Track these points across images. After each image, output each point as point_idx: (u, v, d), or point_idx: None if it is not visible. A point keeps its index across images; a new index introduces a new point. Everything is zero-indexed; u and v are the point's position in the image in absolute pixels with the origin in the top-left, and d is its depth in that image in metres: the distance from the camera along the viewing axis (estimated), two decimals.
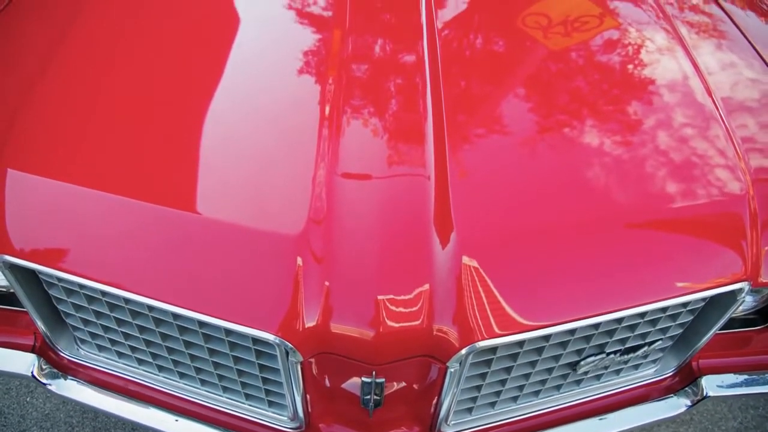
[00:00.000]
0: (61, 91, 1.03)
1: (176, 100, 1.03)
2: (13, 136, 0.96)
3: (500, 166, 0.98)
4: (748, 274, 0.94)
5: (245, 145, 0.96)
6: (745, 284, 0.93)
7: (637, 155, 1.01)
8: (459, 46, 1.23)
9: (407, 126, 0.99)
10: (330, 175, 0.89)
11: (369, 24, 1.22)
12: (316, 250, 0.82)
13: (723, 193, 0.97)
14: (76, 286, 0.90)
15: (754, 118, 1.13)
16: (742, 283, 0.93)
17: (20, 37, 1.16)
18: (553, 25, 1.30)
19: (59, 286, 0.92)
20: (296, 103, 1.04)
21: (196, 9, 1.27)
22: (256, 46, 1.18)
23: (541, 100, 1.12)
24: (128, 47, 1.14)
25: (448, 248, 0.84)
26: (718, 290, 0.92)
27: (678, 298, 0.90)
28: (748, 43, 1.32)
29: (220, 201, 0.88)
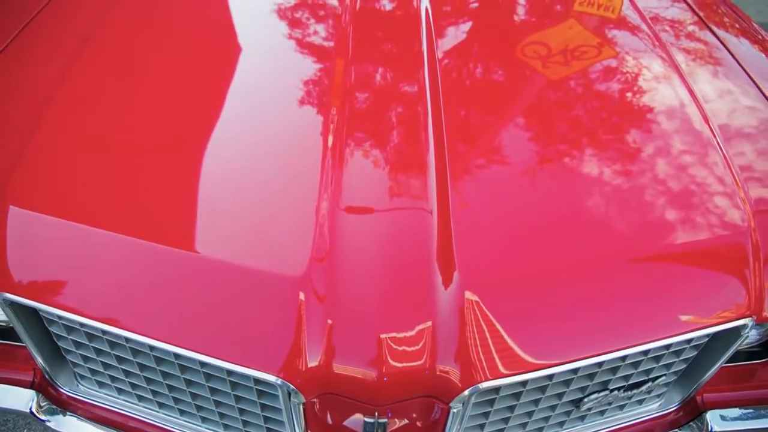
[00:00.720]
0: (63, 129, 1.04)
1: (178, 135, 1.04)
2: (16, 174, 0.95)
3: (501, 199, 0.98)
4: (752, 309, 0.93)
5: (247, 180, 0.96)
6: (749, 320, 0.92)
7: (637, 187, 1.01)
8: (459, 76, 1.24)
9: (410, 157, 0.99)
10: (333, 210, 0.89)
11: (371, 54, 1.22)
12: (319, 288, 0.82)
13: (724, 227, 0.97)
14: (76, 324, 0.90)
15: (753, 146, 1.13)
16: (747, 319, 0.92)
17: (22, 75, 1.16)
18: (552, 54, 1.31)
19: (60, 323, 0.92)
20: (299, 135, 1.04)
21: (198, 43, 1.28)
22: (258, 78, 1.18)
23: (541, 129, 1.12)
24: (129, 82, 1.15)
25: (450, 287, 0.83)
26: (722, 326, 0.91)
27: (682, 335, 0.89)
28: (742, 70, 1.33)
29: (222, 239, 0.87)
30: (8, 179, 0.95)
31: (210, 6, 1.46)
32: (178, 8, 1.42)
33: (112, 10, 1.33)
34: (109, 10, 1.33)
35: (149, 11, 1.38)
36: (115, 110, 1.08)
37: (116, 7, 1.35)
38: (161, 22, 1.36)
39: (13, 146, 1.00)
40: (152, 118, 1.07)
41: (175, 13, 1.40)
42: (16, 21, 1.29)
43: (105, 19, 1.30)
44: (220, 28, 1.35)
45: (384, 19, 1.37)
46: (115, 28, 1.28)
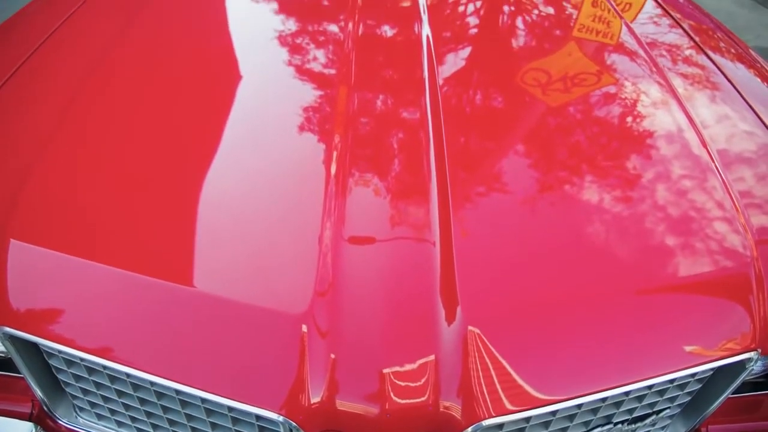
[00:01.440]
0: (64, 161, 1.04)
1: (180, 166, 1.04)
2: (17, 208, 0.95)
3: (503, 228, 0.97)
4: (758, 342, 0.92)
5: (249, 209, 0.96)
6: (754, 353, 0.92)
7: (639, 215, 1.01)
8: (460, 102, 1.24)
9: (412, 186, 0.99)
10: (336, 240, 0.89)
11: (374, 80, 1.23)
12: (321, 324, 0.81)
13: (727, 258, 0.96)
14: (76, 358, 0.89)
15: (752, 172, 1.13)
16: (752, 352, 0.92)
17: (23, 111, 1.17)
18: (552, 81, 1.32)
19: (59, 356, 0.91)
20: (302, 163, 1.04)
21: (200, 72, 1.28)
22: (261, 107, 1.19)
23: (542, 155, 1.13)
24: (129, 114, 1.15)
25: (453, 322, 0.83)
26: (727, 360, 0.91)
27: (687, 369, 0.88)
28: (738, 95, 1.33)
29: (223, 273, 0.87)
30: (9, 213, 0.94)
31: (212, 34, 1.47)
32: (180, 38, 1.43)
33: (114, 42, 1.34)
34: (111, 42, 1.34)
35: (152, 40, 1.39)
36: (116, 142, 1.08)
37: (118, 39, 1.35)
38: (163, 50, 1.37)
39: (15, 180, 1.00)
40: (153, 149, 1.07)
41: (177, 43, 1.40)
42: (16, 56, 1.30)
43: (107, 51, 1.30)
44: (223, 57, 1.36)
45: (386, 45, 1.38)
46: (117, 59, 1.29)
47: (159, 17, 1.50)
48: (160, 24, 1.48)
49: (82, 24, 1.44)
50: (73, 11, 1.47)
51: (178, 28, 1.48)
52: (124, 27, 1.40)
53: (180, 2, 1.61)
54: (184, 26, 1.49)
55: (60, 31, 1.39)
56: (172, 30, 1.47)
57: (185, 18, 1.54)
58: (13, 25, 1.49)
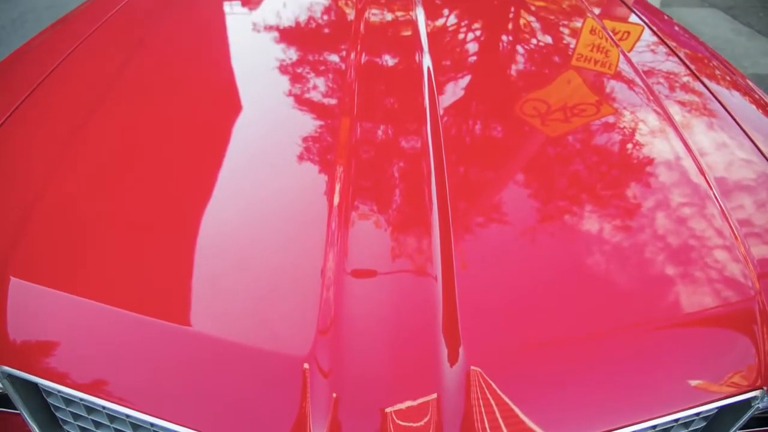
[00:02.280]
0: (66, 200, 1.04)
1: (181, 202, 1.03)
2: (18, 246, 0.95)
3: (505, 261, 0.97)
4: (763, 379, 0.91)
5: (252, 245, 0.96)
6: (759, 392, 0.91)
7: (640, 248, 1.00)
8: (460, 132, 1.25)
9: (414, 218, 0.99)
10: (339, 274, 0.88)
11: (376, 111, 1.23)
12: (323, 363, 0.80)
13: (731, 293, 0.96)
14: (76, 398, 0.88)
15: (751, 201, 1.13)
16: (758, 390, 0.90)
17: (25, 146, 1.17)
18: (551, 111, 1.32)
19: (58, 395, 0.90)
20: (305, 194, 1.04)
21: (201, 105, 1.29)
22: (263, 138, 1.19)
23: (542, 185, 1.12)
24: (129, 148, 1.15)
25: (456, 362, 0.82)
26: (732, 399, 0.90)
27: (690, 409, 0.87)
28: (734, 122, 1.34)
29: (225, 313, 0.86)
30: (10, 250, 0.94)
31: (214, 65, 1.48)
32: (181, 69, 1.44)
33: (114, 77, 1.35)
34: (111, 77, 1.34)
35: (153, 72, 1.40)
36: (116, 178, 1.08)
37: (119, 74, 1.36)
38: (165, 82, 1.37)
39: (16, 217, 1.00)
40: (154, 184, 1.07)
41: (178, 75, 1.41)
42: (17, 93, 1.30)
43: (108, 86, 1.31)
44: (225, 88, 1.37)
45: (387, 74, 1.39)
46: (118, 95, 1.30)
47: (160, 47, 1.51)
48: (162, 54, 1.49)
49: (83, 60, 1.45)
50: (76, 46, 1.49)
51: (179, 60, 1.49)
52: (125, 62, 1.41)
53: (180, 34, 1.62)
54: (185, 58, 1.50)
55: (62, 67, 1.40)
56: (174, 61, 1.48)
57: (186, 49, 1.55)
58: (14, 62, 1.50)
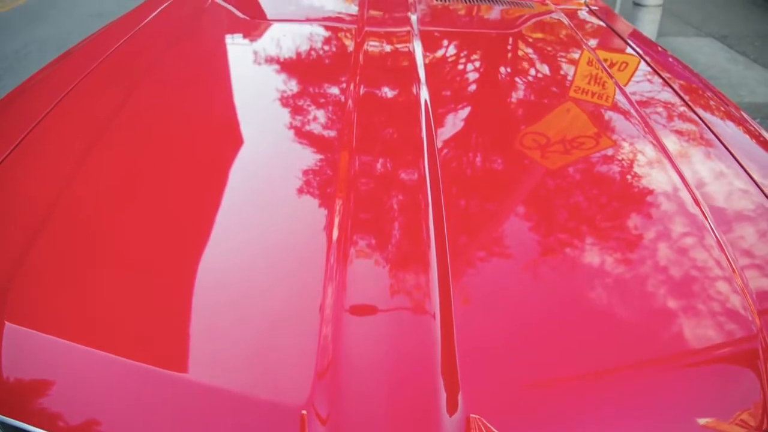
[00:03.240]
0: (62, 244, 1.02)
1: (178, 241, 1.02)
2: (13, 289, 0.93)
3: (504, 298, 0.96)
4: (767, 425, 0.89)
5: (250, 283, 0.94)
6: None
7: (641, 285, 0.98)
8: (457, 164, 1.24)
9: (412, 253, 0.98)
10: (337, 312, 0.87)
11: (374, 143, 1.23)
12: (321, 410, 0.78)
13: (732, 328, 0.94)
14: None
15: (748, 234, 1.12)
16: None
17: (21, 187, 1.16)
18: (548, 142, 1.32)
19: None
20: (305, 229, 1.04)
21: (199, 141, 1.29)
22: (263, 172, 1.19)
23: (539, 219, 1.12)
24: (127, 189, 1.14)
25: (455, 410, 0.80)
26: None
27: None
28: (729, 153, 1.33)
29: (221, 359, 0.84)
30: (4, 294, 0.93)
31: (213, 98, 1.48)
32: (180, 104, 1.44)
33: (112, 115, 1.35)
34: (110, 116, 1.34)
35: (151, 109, 1.40)
36: (113, 220, 1.07)
37: (117, 111, 1.36)
38: (164, 117, 1.37)
39: (11, 261, 0.98)
40: (151, 225, 1.06)
41: (177, 110, 1.41)
42: (14, 133, 1.30)
43: (107, 124, 1.31)
44: (224, 122, 1.37)
45: (385, 107, 1.39)
46: (116, 131, 1.29)
47: (160, 82, 1.52)
48: (161, 88, 1.49)
49: (82, 98, 1.45)
50: (75, 84, 1.49)
51: (179, 94, 1.49)
52: (125, 98, 1.41)
53: (180, 68, 1.63)
54: (185, 91, 1.51)
55: (61, 105, 1.40)
56: (173, 95, 1.48)
57: (186, 83, 1.56)
58: (14, 100, 1.50)
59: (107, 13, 7.10)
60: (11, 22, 6.86)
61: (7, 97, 1.51)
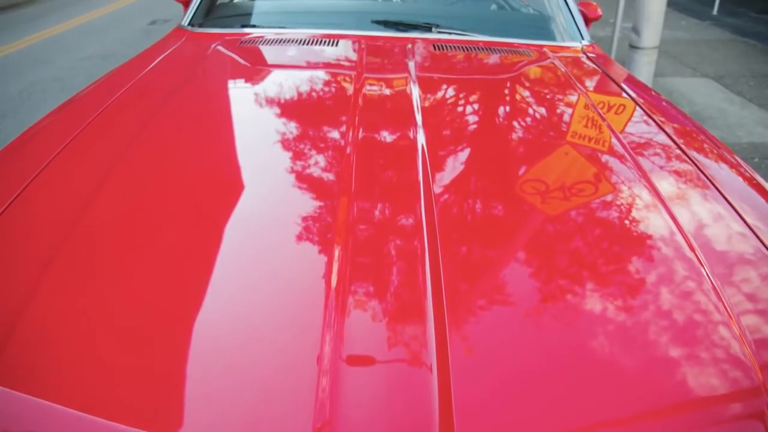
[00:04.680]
0: (56, 303, 1.01)
1: (176, 292, 1.01)
2: (6, 351, 0.92)
3: (501, 349, 0.94)
4: None
5: (248, 335, 0.93)
6: None
7: (638, 337, 0.97)
8: (454, 209, 1.24)
9: (409, 302, 0.97)
10: (335, 363, 0.85)
11: (372, 187, 1.24)
12: None
13: (733, 383, 0.92)
14: None
15: (745, 280, 1.11)
16: None
17: (16, 243, 1.15)
18: (542, 188, 1.32)
19: None
20: (303, 279, 1.03)
21: (198, 185, 1.29)
22: (262, 219, 1.19)
23: (536, 265, 1.11)
24: (124, 242, 1.13)
25: None
26: None
27: None
28: (722, 197, 1.34)
29: (218, 419, 0.83)
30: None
31: (215, 144, 1.49)
32: (182, 150, 1.45)
33: (112, 166, 1.35)
34: (108, 167, 1.35)
35: (150, 159, 1.40)
36: (109, 275, 1.06)
37: (117, 163, 1.36)
38: (163, 166, 1.38)
39: (4, 322, 0.96)
40: (148, 278, 1.04)
41: (178, 157, 1.42)
42: (12, 186, 1.29)
43: (105, 179, 1.30)
44: (225, 169, 1.37)
45: (384, 151, 1.40)
46: (116, 182, 1.29)
47: (161, 133, 1.52)
48: (162, 140, 1.50)
49: (82, 150, 1.45)
50: (73, 137, 1.49)
51: (179, 143, 1.50)
52: (126, 147, 1.42)
53: (182, 113, 1.64)
54: (186, 138, 1.52)
55: (59, 159, 1.39)
56: (174, 144, 1.49)
57: (188, 129, 1.57)
58: (13, 151, 1.50)
59: (111, 54, 7.22)
60: (16, 63, 6.97)
61: (8, 147, 1.51)
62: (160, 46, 2.24)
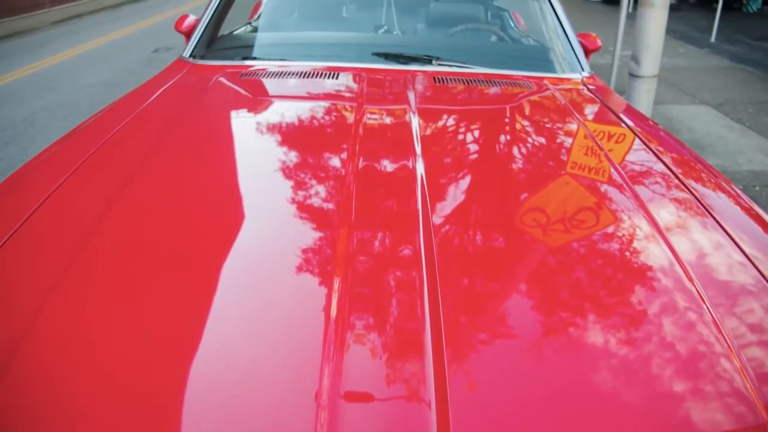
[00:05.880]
0: (60, 330, 1.00)
1: (175, 323, 1.00)
2: (6, 379, 0.91)
3: (500, 383, 0.93)
4: None
5: (248, 370, 0.92)
6: None
7: (638, 371, 0.95)
8: (451, 242, 1.24)
9: (407, 337, 0.96)
10: (333, 398, 0.84)
11: (372, 218, 1.24)
12: None
13: (734, 416, 0.92)
14: None
15: (744, 311, 1.10)
16: None
17: (14, 278, 1.15)
18: (544, 221, 1.32)
19: None
20: (302, 311, 1.02)
21: (197, 219, 1.29)
22: (262, 250, 1.18)
23: (535, 298, 1.10)
24: (123, 274, 1.13)
25: None
26: None
27: None
28: (720, 227, 1.33)
29: None
30: None
31: (216, 177, 1.50)
32: (182, 182, 1.46)
33: (114, 199, 1.35)
34: (111, 199, 1.35)
35: (154, 190, 1.41)
36: (109, 304, 1.06)
37: (118, 195, 1.37)
38: (166, 198, 1.38)
39: (2, 356, 0.96)
40: (147, 311, 1.04)
41: (179, 189, 1.42)
42: (11, 220, 1.29)
43: (106, 212, 1.30)
44: (225, 200, 1.38)
45: (383, 181, 1.40)
46: (116, 215, 1.29)
47: (162, 165, 1.53)
48: (163, 172, 1.50)
49: (83, 183, 1.45)
50: (75, 169, 1.49)
51: (180, 174, 1.50)
52: (127, 180, 1.42)
53: (183, 148, 1.65)
54: (186, 172, 1.52)
55: (59, 192, 1.39)
56: (175, 176, 1.49)
57: (189, 161, 1.57)
58: (14, 183, 1.50)
59: (115, 82, 7.28)
60: (21, 89, 7.03)
61: (11, 177, 1.52)
62: (161, 78, 2.26)
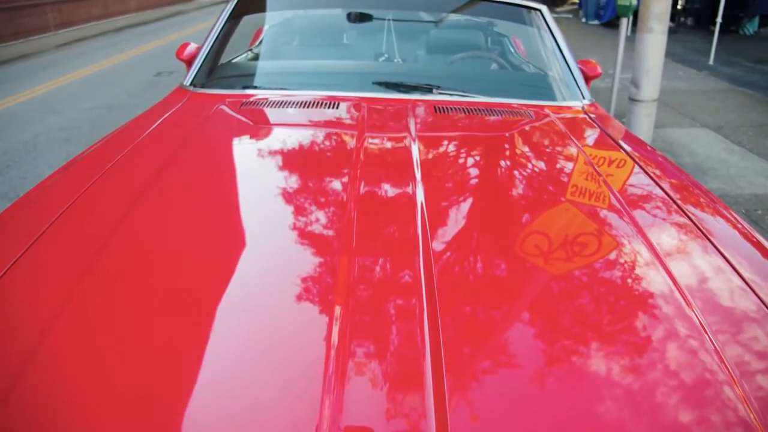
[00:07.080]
0: (60, 361, 0.99)
1: (175, 353, 0.99)
2: (5, 410, 0.90)
3: (501, 415, 0.92)
4: None
5: (247, 401, 0.91)
6: None
7: (639, 401, 0.94)
8: (451, 269, 1.23)
9: (408, 367, 0.95)
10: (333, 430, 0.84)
11: (372, 245, 1.23)
12: None
13: None
14: None
15: (744, 337, 1.08)
16: None
17: (15, 307, 1.14)
18: (543, 249, 1.31)
19: None
20: (303, 340, 1.01)
21: (201, 251, 1.28)
22: (263, 279, 1.18)
23: (535, 328, 1.09)
24: (126, 300, 1.12)
25: None
26: None
27: None
28: (719, 252, 1.33)
29: None
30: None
31: (215, 204, 1.50)
32: (183, 211, 1.46)
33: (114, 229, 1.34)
34: (111, 229, 1.34)
35: (155, 218, 1.40)
36: (108, 340, 1.04)
37: (119, 225, 1.36)
38: (166, 226, 1.38)
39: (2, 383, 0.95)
40: (148, 338, 1.03)
41: (180, 217, 1.42)
42: (10, 252, 1.28)
43: (106, 244, 1.29)
44: (226, 229, 1.37)
45: (384, 207, 1.40)
46: (115, 249, 1.28)
47: (163, 193, 1.53)
48: (164, 199, 1.50)
49: (82, 213, 1.44)
50: (72, 202, 1.48)
51: (182, 202, 1.50)
52: (128, 209, 1.42)
53: (184, 176, 1.65)
54: (187, 200, 1.52)
55: (58, 224, 1.38)
56: (176, 204, 1.49)
57: (189, 191, 1.57)
58: (13, 214, 1.49)
59: (117, 105, 7.34)
60: (24, 112, 7.08)
61: (11, 207, 1.51)
62: (162, 106, 2.26)
